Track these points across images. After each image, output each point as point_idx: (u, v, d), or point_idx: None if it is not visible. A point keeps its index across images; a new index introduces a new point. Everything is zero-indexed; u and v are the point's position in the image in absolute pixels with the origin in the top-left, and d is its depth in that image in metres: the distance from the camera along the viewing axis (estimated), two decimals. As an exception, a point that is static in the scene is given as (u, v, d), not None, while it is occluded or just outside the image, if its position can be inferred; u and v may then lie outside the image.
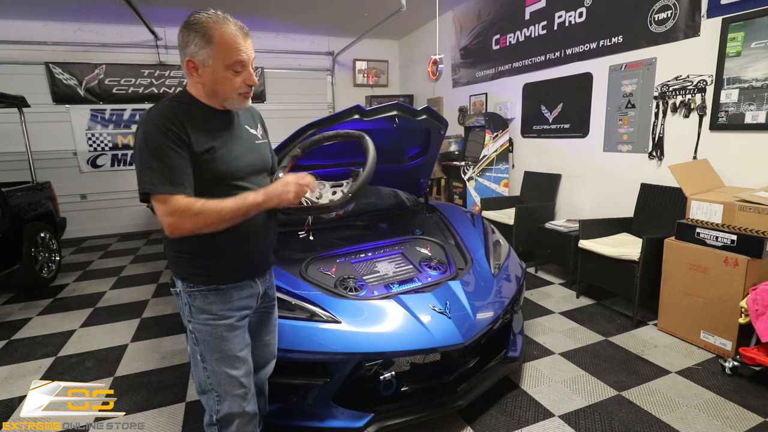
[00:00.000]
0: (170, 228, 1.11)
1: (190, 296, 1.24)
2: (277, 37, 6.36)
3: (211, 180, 1.18)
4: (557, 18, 3.96)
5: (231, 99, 1.20)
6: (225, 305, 1.26)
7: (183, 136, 1.11)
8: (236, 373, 1.27)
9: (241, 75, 1.18)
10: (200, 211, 1.10)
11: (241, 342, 1.30)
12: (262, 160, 1.35)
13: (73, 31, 5.40)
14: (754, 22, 2.53)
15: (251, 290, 1.33)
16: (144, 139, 1.10)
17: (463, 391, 1.84)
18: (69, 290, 3.85)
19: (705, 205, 2.43)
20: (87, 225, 5.88)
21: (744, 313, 2.15)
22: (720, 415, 1.90)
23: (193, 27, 1.12)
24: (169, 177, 1.09)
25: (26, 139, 4.19)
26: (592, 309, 3.05)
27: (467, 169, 4.61)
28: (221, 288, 1.25)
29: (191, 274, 1.24)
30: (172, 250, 1.25)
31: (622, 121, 3.44)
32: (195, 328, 1.26)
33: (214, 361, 1.26)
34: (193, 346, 1.28)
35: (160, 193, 1.09)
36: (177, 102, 1.18)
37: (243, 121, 1.32)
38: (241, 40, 1.15)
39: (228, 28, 1.13)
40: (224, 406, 1.27)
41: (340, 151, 2.37)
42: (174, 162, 1.10)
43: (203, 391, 1.30)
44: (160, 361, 2.53)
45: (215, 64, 1.14)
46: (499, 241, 2.49)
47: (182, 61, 1.17)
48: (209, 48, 1.12)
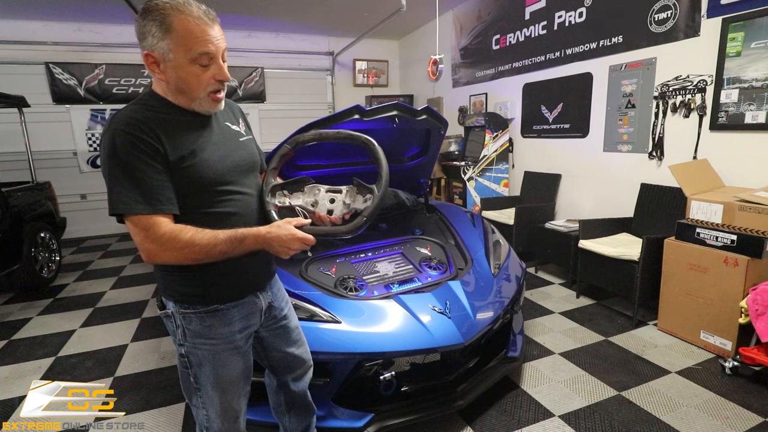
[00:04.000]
0: (148, 256, 0.97)
1: (185, 318, 1.09)
2: (277, 37, 6.36)
3: (196, 188, 1.04)
4: (557, 18, 3.95)
5: (199, 100, 1.03)
6: (225, 327, 1.12)
7: (156, 144, 0.96)
8: (230, 398, 1.16)
9: (209, 69, 1.01)
10: (187, 245, 0.97)
11: (241, 366, 1.17)
12: (250, 158, 1.19)
13: (73, 31, 5.40)
14: (754, 22, 2.53)
15: (254, 306, 1.20)
16: (111, 151, 0.95)
17: (463, 391, 1.84)
18: (69, 290, 3.85)
19: (705, 205, 2.43)
20: (87, 225, 5.88)
21: (744, 313, 2.15)
22: (720, 415, 1.90)
23: (150, 14, 0.95)
24: (144, 195, 0.95)
25: (26, 139, 4.19)
26: (592, 309, 3.05)
27: (467, 169, 4.61)
28: (220, 309, 1.11)
29: (185, 294, 1.09)
30: (159, 268, 1.09)
31: (622, 121, 3.44)
32: (189, 351, 1.11)
33: (209, 386, 1.13)
34: (183, 369, 1.14)
35: (136, 214, 0.95)
36: (144, 105, 1.02)
37: (222, 118, 1.16)
38: (206, 28, 0.98)
39: (190, 14, 0.95)
40: (213, 426, 1.16)
41: (340, 152, 2.37)
42: (148, 177, 0.95)
43: (193, 405, 1.18)
44: (160, 361, 2.53)
45: (177, 57, 0.97)
46: (499, 241, 2.49)
47: (142, 56, 1.00)
48: (168, 39, 0.95)
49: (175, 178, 1.01)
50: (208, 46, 0.98)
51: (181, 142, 1.02)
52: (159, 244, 0.97)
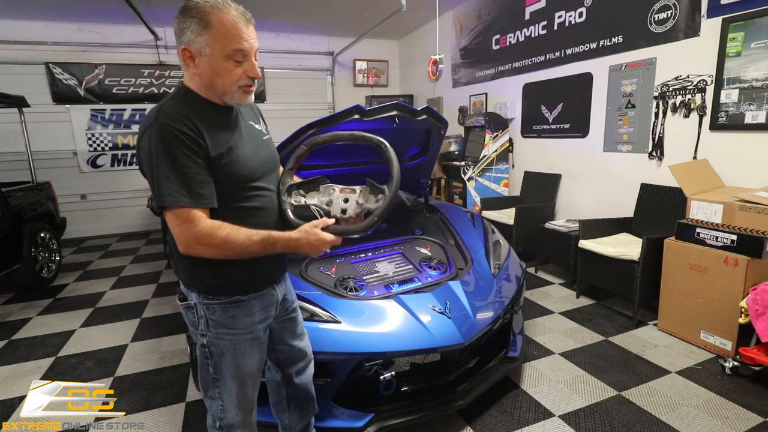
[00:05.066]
0: (186, 248, 1.03)
1: (208, 309, 1.14)
2: (277, 37, 6.36)
3: (230, 183, 1.09)
4: (557, 18, 3.95)
5: (231, 93, 1.08)
6: (247, 317, 1.17)
7: (199, 140, 1.02)
8: (248, 389, 1.22)
9: (242, 66, 1.06)
10: (223, 243, 1.03)
11: (258, 357, 1.23)
12: (273, 156, 1.26)
13: (73, 31, 5.40)
14: (754, 22, 2.53)
15: (271, 298, 1.25)
16: (156, 145, 0.99)
17: (463, 391, 1.84)
18: (69, 290, 3.85)
19: (705, 205, 2.43)
20: (87, 225, 5.88)
21: (744, 313, 2.15)
22: (720, 415, 1.90)
23: (190, 12, 1.01)
24: (188, 188, 1.00)
25: (26, 139, 4.18)
26: (592, 309, 3.05)
27: (467, 169, 4.61)
28: (243, 299, 1.16)
29: (210, 285, 1.13)
30: (186, 260, 1.12)
31: (622, 121, 3.44)
32: (211, 341, 1.16)
33: (228, 376, 1.18)
34: (203, 360, 1.18)
35: (180, 207, 1.00)
36: (182, 100, 1.07)
37: (247, 117, 1.23)
38: (243, 27, 1.04)
39: (228, 13, 1.02)
40: (228, 416, 1.22)
41: (342, 151, 2.37)
42: (193, 171, 1.01)
43: (208, 396, 1.23)
44: (160, 361, 2.53)
45: (213, 52, 1.03)
46: (499, 241, 2.48)
47: (178, 50, 1.06)
48: (207, 35, 1.01)
49: (213, 174, 1.06)
50: (243, 44, 1.04)
51: (219, 138, 1.08)
52: (196, 239, 1.02)
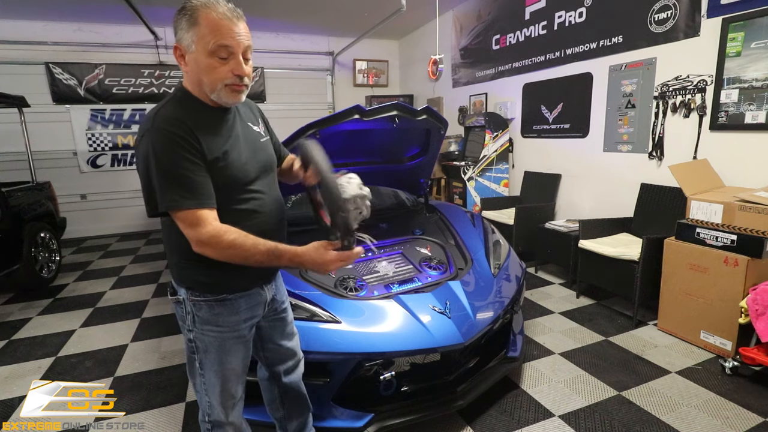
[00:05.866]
0: (196, 248, 1.04)
1: (195, 305, 1.16)
2: (277, 37, 6.36)
3: (225, 186, 1.09)
4: (557, 18, 3.95)
5: (217, 92, 1.06)
6: (232, 316, 1.19)
7: (195, 144, 1.03)
8: (231, 386, 1.23)
9: (228, 63, 1.04)
10: (229, 247, 1.03)
11: (242, 354, 1.24)
12: (270, 159, 1.26)
13: (73, 31, 5.40)
14: (754, 22, 2.53)
15: (259, 298, 1.25)
16: (155, 151, 1.00)
17: (463, 391, 1.84)
18: (69, 290, 3.85)
19: (705, 205, 2.43)
20: (87, 225, 5.88)
21: (744, 313, 2.15)
22: (720, 415, 1.90)
23: (183, 10, 1.02)
24: (191, 191, 1.01)
25: (26, 139, 4.18)
26: (592, 309, 3.05)
27: (467, 169, 4.61)
28: (229, 298, 1.17)
29: (198, 282, 1.15)
30: (177, 256, 1.15)
31: (622, 121, 3.44)
32: (197, 337, 1.19)
33: (212, 372, 1.20)
34: (190, 354, 1.22)
35: (185, 209, 1.01)
36: (179, 103, 1.07)
37: (245, 118, 1.23)
38: (228, 23, 1.02)
39: (214, 10, 1.00)
40: (214, 412, 1.24)
41: (342, 152, 2.37)
42: (193, 174, 1.02)
43: (196, 390, 1.27)
44: (160, 361, 2.53)
45: (198, 49, 1.02)
46: (499, 241, 2.48)
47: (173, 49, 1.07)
48: (192, 31, 1.01)
49: (210, 176, 1.06)
50: (227, 40, 1.02)
51: (215, 142, 1.08)
52: (203, 241, 1.03)
